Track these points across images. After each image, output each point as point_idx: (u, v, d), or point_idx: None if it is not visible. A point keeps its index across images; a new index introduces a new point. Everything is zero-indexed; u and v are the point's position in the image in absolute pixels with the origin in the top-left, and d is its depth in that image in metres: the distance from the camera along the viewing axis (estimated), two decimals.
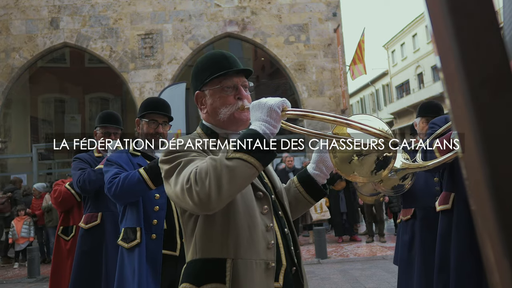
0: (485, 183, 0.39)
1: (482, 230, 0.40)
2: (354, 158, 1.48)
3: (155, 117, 2.71)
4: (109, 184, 2.48)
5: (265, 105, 1.30)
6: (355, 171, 1.50)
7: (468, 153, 0.41)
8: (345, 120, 1.33)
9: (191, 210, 1.28)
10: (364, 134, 1.40)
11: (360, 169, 1.49)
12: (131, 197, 2.49)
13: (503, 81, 0.40)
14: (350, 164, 1.49)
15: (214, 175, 1.20)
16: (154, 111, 2.71)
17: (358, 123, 1.32)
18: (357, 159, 1.47)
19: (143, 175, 2.43)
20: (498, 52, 0.40)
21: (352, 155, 1.48)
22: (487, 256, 0.40)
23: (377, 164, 1.48)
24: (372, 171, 1.49)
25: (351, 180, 1.60)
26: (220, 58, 1.55)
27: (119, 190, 2.43)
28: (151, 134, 2.70)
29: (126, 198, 2.49)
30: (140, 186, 2.43)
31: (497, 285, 0.39)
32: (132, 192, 2.45)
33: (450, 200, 2.87)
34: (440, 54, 0.43)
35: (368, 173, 1.49)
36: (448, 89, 0.42)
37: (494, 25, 0.40)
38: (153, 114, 2.72)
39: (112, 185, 2.46)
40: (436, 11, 0.42)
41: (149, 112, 2.71)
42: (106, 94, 17.70)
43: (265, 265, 1.37)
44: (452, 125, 0.45)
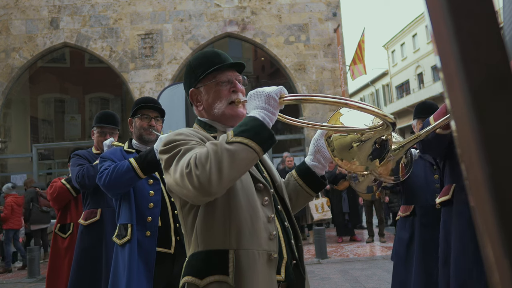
0: (485, 183, 0.39)
1: (482, 230, 0.40)
2: (352, 146, 1.48)
3: (147, 112, 2.74)
4: (100, 174, 2.50)
5: (262, 93, 1.31)
6: (354, 158, 1.50)
7: (468, 153, 0.41)
8: (343, 100, 1.33)
9: (191, 196, 1.26)
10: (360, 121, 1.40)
11: (359, 155, 1.49)
12: (121, 187, 2.49)
13: (503, 81, 0.40)
14: (349, 152, 1.49)
15: (215, 159, 1.19)
16: (145, 104, 2.75)
17: (356, 102, 1.31)
18: (355, 146, 1.47)
19: (132, 163, 2.45)
20: (498, 52, 0.40)
21: (349, 143, 1.48)
22: (487, 256, 0.40)
23: (374, 149, 1.48)
24: (369, 156, 1.49)
25: (349, 170, 1.59)
26: (212, 55, 1.58)
27: (108, 179, 2.43)
28: (144, 128, 2.72)
29: (117, 187, 2.48)
30: (129, 174, 2.43)
31: (497, 285, 0.39)
32: (121, 181, 2.44)
33: (450, 191, 2.87)
34: (440, 54, 0.43)
35: (366, 160, 1.49)
36: (448, 89, 0.42)
37: (494, 25, 0.40)
38: (145, 109, 2.75)
39: (103, 175, 2.47)
40: (436, 11, 0.42)
41: (140, 107, 2.74)
42: (106, 94, 17.70)
43: (267, 256, 1.37)
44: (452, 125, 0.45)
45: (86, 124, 17.09)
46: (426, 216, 3.41)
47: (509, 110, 0.39)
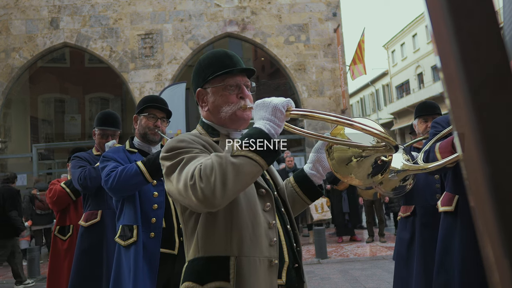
0: (485, 183, 0.39)
1: (482, 230, 0.40)
2: (351, 160, 1.47)
3: (154, 111, 2.72)
4: (106, 177, 2.46)
5: (270, 104, 1.30)
6: (352, 173, 1.50)
7: (468, 153, 0.41)
8: (347, 120, 1.32)
9: (194, 207, 1.26)
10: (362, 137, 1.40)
11: (357, 171, 1.49)
12: (128, 190, 2.47)
13: (503, 81, 0.40)
14: (347, 166, 1.49)
15: (219, 172, 1.19)
16: (153, 104, 2.72)
17: (360, 123, 1.31)
18: (355, 161, 1.47)
19: (140, 167, 2.42)
20: (498, 52, 0.40)
21: (349, 157, 1.48)
22: (487, 256, 0.40)
23: (374, 167, 1.48)
24: (369, 174, 1.49)
25: (347, 182, 1.60)
26: (223, 56, 1.53)
27: (116, 182, 2.41)
28: (150, 128, 2.70)
29: (123, 191, 2.46)
30: (137, 178, 2.41)
31: (497, 285, 0.39)
32: (129, 185, 2.42)
33: (453, 202, 2.85)
34: (440, 54, 0.43)
35: (365, 176, 1.49)
36: (448, 89, 0.42)
37: (494, 25, 0.40)
38: (152, 108, 2.72)
39: (109, 177, 2.44)
40: (436, 11, 0.42)
41: (148, 106, 2.72)
42: (106, 94, 17.71)
43: (268, 262, 1.37)
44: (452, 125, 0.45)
45: (86, 124, 17.10)
46: (426, 216, 3.41)
47: (509, 110, 0.39)
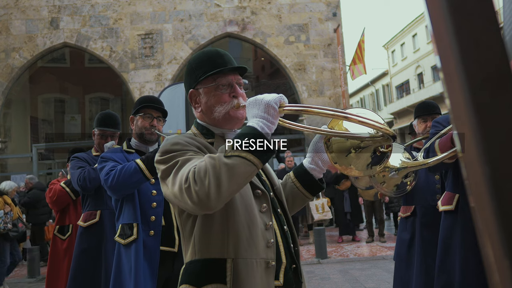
0: (485, 183, 0.39)
1: (482, 230, 0.40)
2: (350, 151, 1.47)
3: (150, 111, 2.73)
4: (106, 176, 2.47)
5: (262, 101, 1.28)
6: (352, 164, 1.49)
7: (468, 153, 0.41)
8: (343, 113, 1.31)
9: (190, 210, 1.26)
10: (360, 127, 1.40)
11: (356, 162, 1.48)
12: (128, 188, 2.47)
13: (503, 81, 0.40)
14: (347, 158, 1.49)
15: (213, 174, 1.17)
16: (148, 104, 2.73)
17: (356, 115, 1.30)
18: (353, 152, 1.47)
19: (139, 165, 2.43)
20: (498, 52, 0.40)
21: (348, 149, 1.47)
22: (487, 256, 0.40)
23: (373, 158, 1.48)
24: (368, 164, 1.48)
25: (347, 174, 1.59)
26: (214, 55, 1.50)
27: (115, 181, 2.42)
28: (146, 128, 2.71)
29: (123, 189, 2.47)
30: (137, 176, 2.41)
31: (497, 285, 0.39)
32: (129, 183, 2.43)
33: (454, 201, 2.85)
34: (440, 54, 0.43)
35: (364, 167, 1.49)
36: (448, 89, 0.42)
37: (494, 25, 0.40)
38: (148, 108, 2.73)
39: (109, 176, 2.45)
40: (436, 11, 0.42)
41: (144, 106, 2.73)
42: (106, 94, 17.71)
43: (265, 264, 1.36)
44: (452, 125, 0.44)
45: (86, 124, 17.10)
46: (426, 216, 3.41)
47: (509, 110, 0.39)
